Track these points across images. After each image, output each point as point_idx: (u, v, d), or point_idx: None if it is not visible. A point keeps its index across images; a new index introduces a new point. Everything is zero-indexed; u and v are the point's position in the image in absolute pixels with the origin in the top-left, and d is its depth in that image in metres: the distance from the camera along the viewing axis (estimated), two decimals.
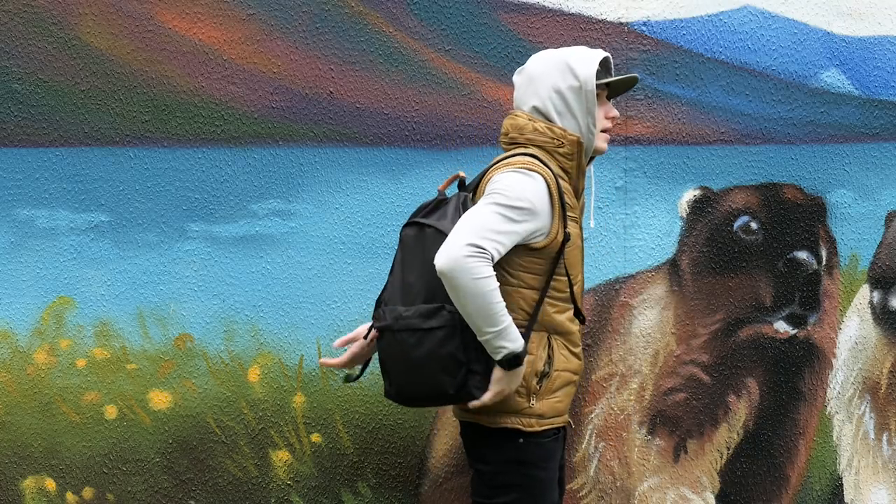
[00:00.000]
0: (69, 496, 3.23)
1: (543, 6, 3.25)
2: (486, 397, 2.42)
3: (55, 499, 3.23)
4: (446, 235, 2.38)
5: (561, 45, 3.26)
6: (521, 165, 2.46)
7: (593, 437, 3.32)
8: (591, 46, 3.25)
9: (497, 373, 2.42)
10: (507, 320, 2.36)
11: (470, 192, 2.55)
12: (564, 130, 2.52)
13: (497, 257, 2.37)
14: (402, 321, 2.41)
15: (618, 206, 3.30)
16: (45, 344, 3.20)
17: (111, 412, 3.22)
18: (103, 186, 3.18)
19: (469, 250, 2.32)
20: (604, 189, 3.29)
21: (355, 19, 3.21)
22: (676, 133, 3.31)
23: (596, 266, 3.30)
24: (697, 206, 3.33)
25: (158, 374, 3.22)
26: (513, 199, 2.39)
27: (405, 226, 2.50)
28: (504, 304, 2.37)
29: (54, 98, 3.15)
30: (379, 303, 2.53)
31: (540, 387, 2.48)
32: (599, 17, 3.26)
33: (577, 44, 3.26)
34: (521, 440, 2.49)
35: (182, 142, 3.19)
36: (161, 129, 3.18)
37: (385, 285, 2.53)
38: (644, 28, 3.28)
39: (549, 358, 2.48)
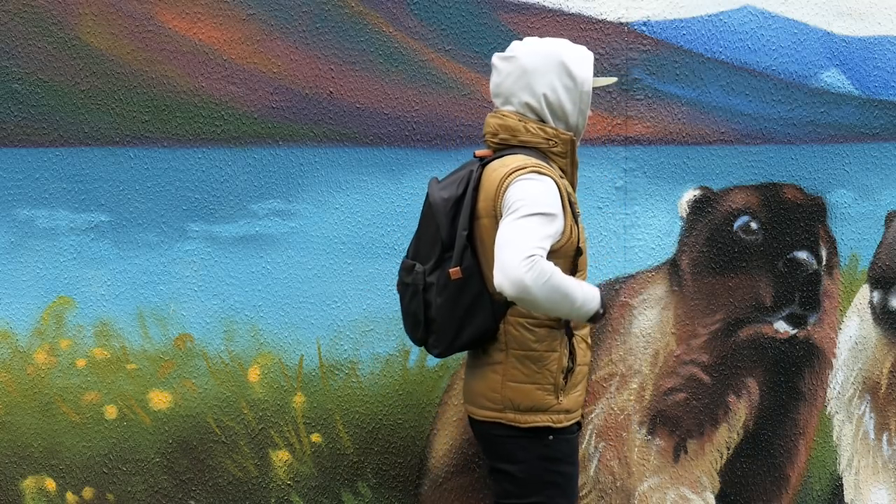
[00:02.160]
0: (69, 496, 3.23)
1: (543, 6, 3.25)
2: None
3: (55, 499, 3.23)
4: (441, 205, 2.58)
5: None
6: (531, 170, 2.48)
7: (593, 437, 3.32)
8: (591, 46, 3.26)
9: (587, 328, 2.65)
10: (579, 290, 2.45)
11: (472, 186, 2.57)
12: (557, 130, 2.54)
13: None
14: (408, 275, 2.66)
15: (618, 206, 3.30)
16: (45, 344, 3.20)
17: (111, 412, 3.22)
18: (103, 186, 3.18)
19: (525, 264, 2.35)
20: (604, 189, 3.29)
21: (355, 19, 3.21)
22: (676, 133, 3.31)
23: (596, 266, 3.30)
24: (697, 206, 3.33)
25: (158, 374, 3.22)
26: (540, 206, 2.43)
27: (429, 191, 2.66)
28: (571, 277, 2.48)
29: (54, 98, 3.15)
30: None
31: (566, 382, 2.52)
32: (599, 17, 3.26)
33: (577, 44, 3.27)
34: (552, 437, 2.53)
35: (182, 142, 3.18)
36: (161, 129, 3.18)
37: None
38: (644, 28, 3.28)
39: (572, 353, 2.54)
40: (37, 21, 3.14)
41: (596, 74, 3.25)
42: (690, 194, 3.33)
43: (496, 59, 2.66)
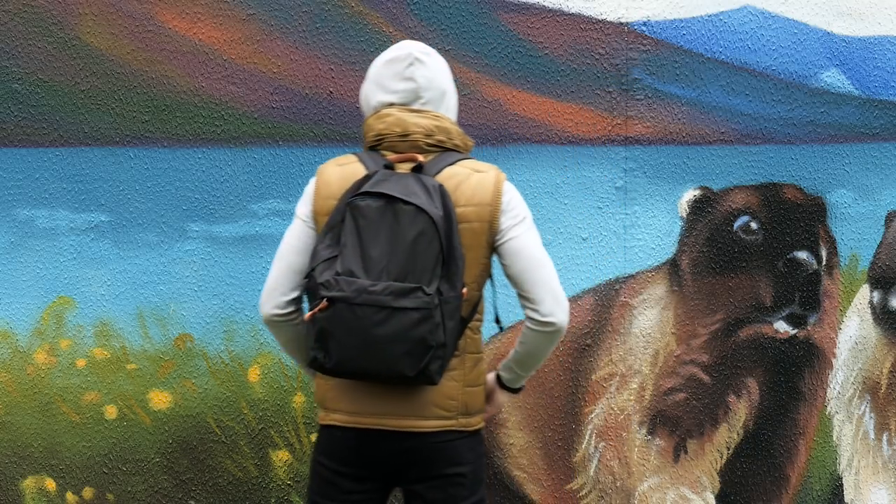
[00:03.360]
0: (69, 496, 3.23)
1: (543, 6, 3.25)
2: (491, 412, 2.55)
3: (55, 499, 3.23)
4: (429, 216, 2.31)
5: (561, 45, 3.28)
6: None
7: (593, 437, 3.32)
8: (591, 46, 3.27)
9: (503, 396, 2.55)
10: None
11: (444, 198, 2.40)
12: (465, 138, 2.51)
13: None
14: (367, 296, 2.27)
15: (618, 206, 3.31)
16: (45, 344, 3.20)
17: (111, 412, 3.22)
18: (103, 186, 3.18)
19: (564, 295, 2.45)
20: (604, 189, 3.30)
21: (355, 19, 3.21)
22: (676, 133, 3.31)
23: (596, 266, 3.30)
24: (697, 206, 3.33)
25: (158, 374, 3.22)
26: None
27: (360, 195, 2.32)
28: None
29: (54, 98, 3.15)
30: (311, 271, 2.35)
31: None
32: (599, 17, 3.26)
33: (577, 44, 3.27)
34: (483, 433, 2.54)
35: (182, 142, 3.19)
36: (161, 129, 3.18)
37: (324, 255, 2.34)
38: (644, 28, 3.28)
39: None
40: (37, 21, 3.14)
41: (596, 74, 3.26)
42: (690, 194, 3.33)
43: (420, 51, 2.50)
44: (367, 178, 2.36)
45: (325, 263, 2.31)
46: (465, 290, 2.37)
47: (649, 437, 3.33)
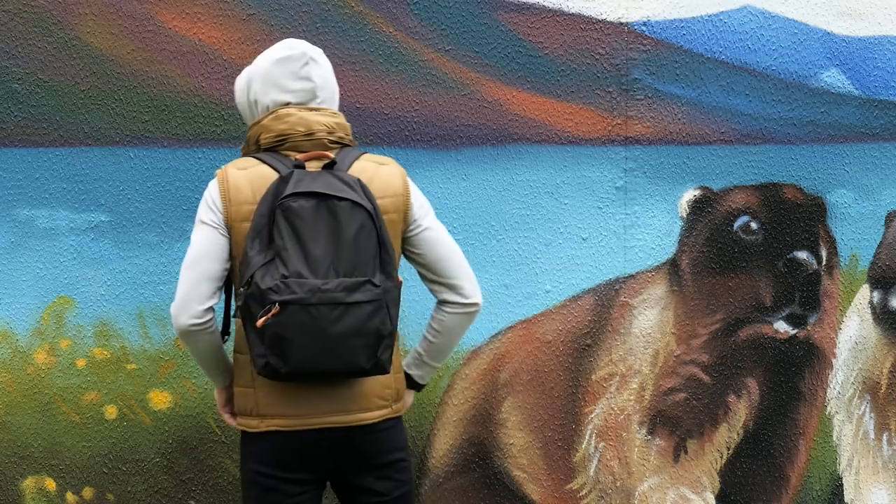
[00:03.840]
0: (69, 496, 3.23)
1: (543, 6, 3.25)
2: (408, 403, 2.63)
3: (55, 499, 3.23)
4: (365, 209, 2.33)
5: (561, 45, 3.28)
6: None
7: (593, 437, 3.32)
8: (591, 46, 3.27)
9: (410, 397, 2.65)
10: None
11: (364, 189, 2.41)
12: None
13: None
14: (321, 294, 2.26)
15: (618, 206, 3.31)
16: (45, 344, 3.20)
17: (111, 412, 3.22)
18: (103, 186, 3.18)
19: None
20: (604, 189, 3.30)
21: (355, 19, 3.21)
22: (676, 133, 3.31)
23: (596, 266, 3.30)
24: (697, 206, 3.33)
25: (158, 374, 3.22)
26: None
27: (290, 196, 2.31)
28: None
29: (54, 98, 3.15)
30: (250, 277, 2.31)
31: None
32: (599, 17, 3.26)
33: (577, 44, 3.27)
34: None
35: (182, 142, 3.19)
36: (161, 129, 3.18)
37: (259, 261, 2.31)
38: (644, 28, 3.28)
39: None
40: (37, 21, 3.14)
41: (596, 74, 3.26)
42: (690, 194, 3.33)
43: (312, 51, 2.50)
44: (284, 180, 2.34)
45: (262, 269, 2.29)
46: (399, 278, 2.42)
47: (649, 437, 3.33)
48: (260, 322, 2.26)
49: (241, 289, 2.32)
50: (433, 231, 2.54)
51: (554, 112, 3.27)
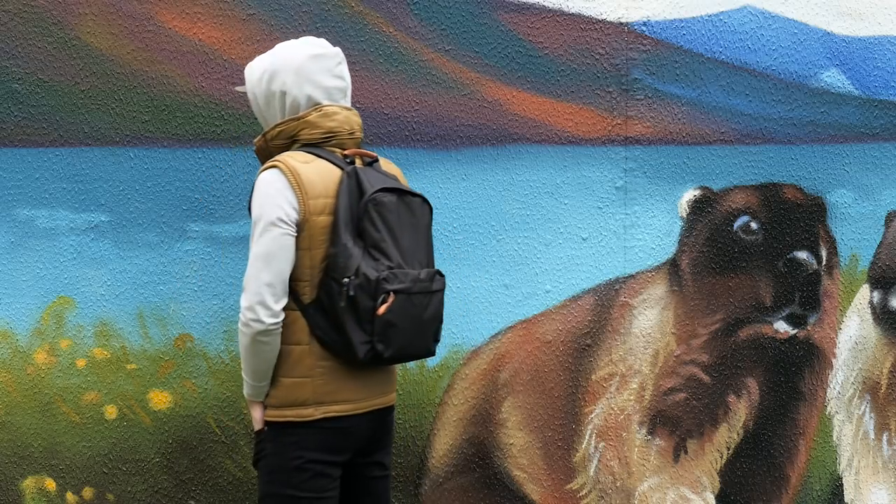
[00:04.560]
0: (69, 496, 3.23)
1: (543, 6, 3.25)
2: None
3: (55, 499, 3.23)
4: (429, 204, 2.59)
5: (561, 45, 3.28)
6: None
7: (593, 437, 3.32)
8: (591, 46, 3.27)
9: None
10: None
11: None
12: None
13: None
14: (420, 284, 2.49)
15: (618, 206, 3.31)
16: (45, 344, 3.20)
17: (111, 412, 3.22)
18: (103, 186, 3.18)
19: None
20: (604, 189, 3.30)
21: (355, 19, 3.21)
22: (676, 133, 3.31)
23: (596, 266, 3.30)
24: (697, 206, 3.33)
25: (158, 374, 3.22)
26: None
27: (379, 192, 2.47)
28: None
29: (54, 98, 3.15)
30: (356, 268, 2.43)
31: None
32: (599, 17, 3.26)
33: (577, 44, 3.27)
34: None
35: (182, 142, 3.19)
36: (161, 129, 3.18)
37: (357, 252, 2.44)
38: (644, 28, 3.28)
39: None
40: (37, 21, 3.14)
41: (596, 74, 3.26)
42: (690, 194, 3.33)
43: (341, 54, 2.63)
44: (351, 175, 2.48)
45: (365, 260, 2.44)
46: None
47: (649, 437, 3.33)
48: (381, 310, 2.42)
49: (348, 279, 2.42)
50: None
51: (554, 112, 3.27)
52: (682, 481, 3.35)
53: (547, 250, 3.30)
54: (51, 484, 3.23)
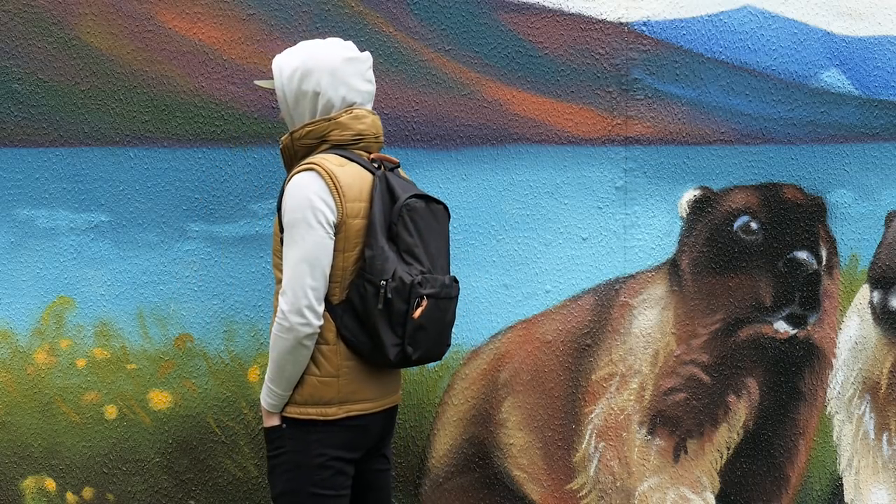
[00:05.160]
0: (69, 496, 3.23)
1: (543, 6, 3.25)
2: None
3: (55, 499, 3.23)
4: (448, 212, 2.64)
5: (561, 45, 3.28)
6: None
7: (593, 437, 3.32)
8: (591, 46, 3.27)
9: None
10: None
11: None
12: None
13: None
14: (447, 289, 2.55)
15: (618, 206, 3.31)
16: (45, 344, 3.20)
17: (111, 412, 3.22)
18: (103, 186, 3.18)
19: None
20: (604, 189, 3.30)
21: (355, 19, 3.21)
22: (676, 133, 3.31)
23: (596, 266, 3.30)
24: (697, 206, 3.33)
25: (158, 374, 3.22)
26: None
27: (410, 197, 2.53)
28: None
29: (54, 98, 3.15)
30: (393, 272, 2.48)
31: None
32: (599, 17, 3.26)
33: (577, 44, 3.27)
34: None
35: (182, 142, 3.19)
36: (161, 129, 3.18)
37: (392, 255, 2.49)
38: (644, 28, 3.28)
39: None
40: (37, 21, 3.14)
41: (596, 74, 3.26)
42: (690, 194, 3.33)
43: (371, 59, 2.68)
44: (384, 179, 2.55)
45: (401, 264, 2.49)
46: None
47: (649, 437, 3.33)
48: (417, 313, 2.47)
49: (384, 282, 2.45)
50: None
51: (554, 112, 3.27)
52: (682, 481, 3.35)
53: (547, 250, 3.30)
54: (51, 484, 3.23)
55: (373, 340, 2.49)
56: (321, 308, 2.47)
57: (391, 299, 2.45)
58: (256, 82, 2.79)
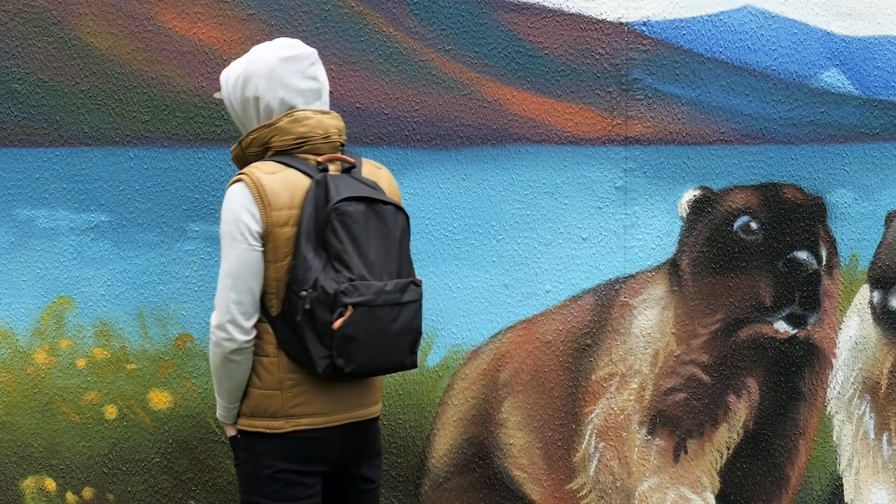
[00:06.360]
0: (69, 496, 3.23)
1: (543, 6, 3.25)
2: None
3: (55, 499, 3.23)
4: (404, 212, 2.49)
5: (561, 45, 3.28)
6: None
7: (593, 437, 3.32)
8: (591, 46, 3.27)
9: None
10: None
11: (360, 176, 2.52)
12: None
13: None
14: (385, 296, 2.39)
15: (618, 206, 3.31)
16: (45, 344, 3.20)
17: (111, 412, 3.22)
18: (103, 186, 3.18)
19: None
20: (604, 189, 3.30)
21: (355, 19, 3.21)
22: (676, 133, 3.31)
23: (596, 266, 3.30)
24: (697, 206, 3.33)
25: (158, 374, 3.22)
26: None
27: (343, 201, 2.38)
28: None
29: (54, 98, 3.15)
30: (314, 281, 2.36)
31: None
32: (599, 17, 3.26)
33: (577, 44, 3.27)
34: None
35: (182, 142, 3.19)
36: (161, 129, 3.18)
37: (317, 264, 2.37)
38: (644, 28, 3.28)
39: None
40: (37, 21, 3.14)
41: (596, 74, 3.26)
42: (690, 194, 3.33)
43: (313, 52, 2.54)
44: (320, 184, 2.40)
45: (323, 272, 2.35)
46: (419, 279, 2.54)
47: (649, 437, 3.33)
48: (337, 324, 2.34)
49: (305, 292, 2.36)
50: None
51: (554, 112, 3.27)
52: (682, 481, 3.35)
53: (547, 250, 3.30)
54: (51, 484, 3.23)
55: (306, 353, 2.39)
56: (248, 322, 2.40)
57: (311, 310, 2.35)
58: (215, 95, 2.69)
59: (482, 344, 3.30)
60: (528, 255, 3.29)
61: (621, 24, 3.27)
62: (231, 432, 2.54)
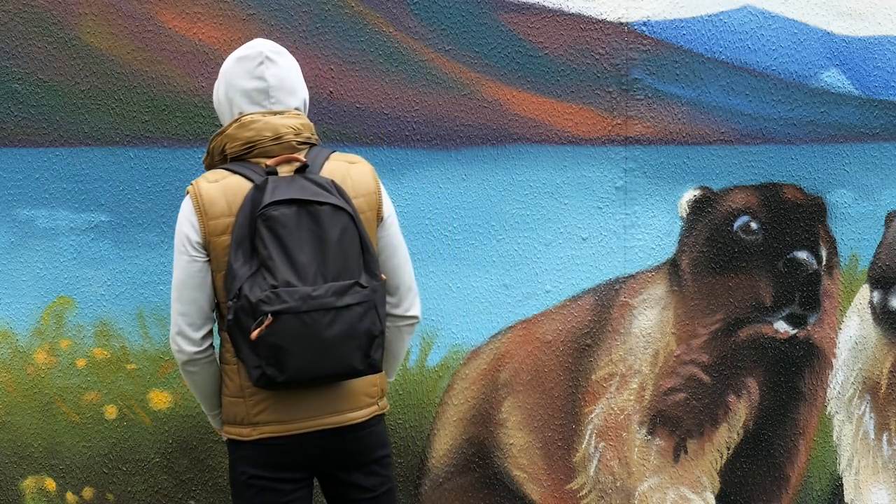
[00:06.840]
0: (69, 496, 3.23)
1: (543, 6, 3.25)
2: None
3: (55, 499, 3.23)
4: (346, 211, 2.35)
5: (561, 45, 3.28)
6: None
7: (593, 437, 3.32)
8: (591, 46, 3.27)
9: None
10: None
11: (320, 173, 2.43)
12: None
13: None
14: (312, 301, 2.28)
15: (618, 206, 3.31)
16: (45, 344, 3.20)
17: (111, 412, 3.22)
18: (103, 186, 3.18)
19: None
20: (604, 189, 3.30)
21: (355, 19, 3.21)
22: (676, 133, 3.31)
23: (596, 266, 3.30)
24: (697, 206, 3.33)
25: (158, 374, 3.22)
26: None
27: (270, 205, 2.30)
28: None
29: (54, 98, 3.15)
30: (238, 290, 2.30)
31: None
32: (599, 17, 3.26)
33: (577, 44, 3.27)
34: None
35: (182, 142, 3.18)
36: (161, 129, 3.18)
37: (245, 273, 2.31)
38: (644, 28, 3.28)
39: None
40: (37, 21, 3.14)
41: (596, 74, 3.26)
42: (690, 194, 3.33)
43: (271, 50, 2.48)
44: (259, 188, 2.34)
45: (249, 280, 2.29)
46: (382, 275, 2.44)
47: (649, 437, 3.33)
48: (254, 334, 2.27)
49: (230, 302, 2.31)
50: (397, 237, 2.56)
51: (554, 112, 3.27)
52: (682, 481, 3.35)
53: (547, 250, 3.30)
54: (51, 484, 3.23)
55: (243, 363, 2.35)
56: (197, 334, 2.40)
57: (236, 319, 2.30)
58: None
59: (482, 344, 3.30)
60: (528, 255, 3.29)
61: (621, 24, 3.27)
62: (224, 438, 2.55)
